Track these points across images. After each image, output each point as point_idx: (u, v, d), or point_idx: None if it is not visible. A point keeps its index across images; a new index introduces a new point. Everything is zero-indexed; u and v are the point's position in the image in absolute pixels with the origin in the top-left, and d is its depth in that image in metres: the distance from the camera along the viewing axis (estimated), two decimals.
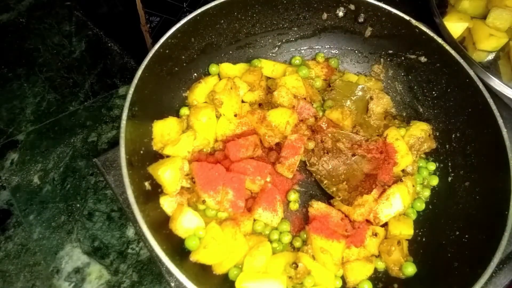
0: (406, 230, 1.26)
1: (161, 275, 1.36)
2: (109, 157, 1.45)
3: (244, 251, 1.17)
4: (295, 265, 1.15)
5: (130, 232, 1.61)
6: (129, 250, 1.58)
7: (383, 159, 1.33)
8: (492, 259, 1.01)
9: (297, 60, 1.56)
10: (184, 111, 1.39)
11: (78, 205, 1.68)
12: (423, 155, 1.43)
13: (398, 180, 1.31)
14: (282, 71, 1.50)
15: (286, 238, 1.25)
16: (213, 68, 1.47)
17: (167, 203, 1.19)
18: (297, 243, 1.26)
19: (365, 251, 1.23)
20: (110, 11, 2.32)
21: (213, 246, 1.11)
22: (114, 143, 1.79)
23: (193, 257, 1.12)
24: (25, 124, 1.94)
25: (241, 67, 1.51)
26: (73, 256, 1.57)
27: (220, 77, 1.48)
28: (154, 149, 1.27)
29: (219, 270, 1.15)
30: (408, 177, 1.33)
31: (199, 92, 1.40)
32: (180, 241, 1.15)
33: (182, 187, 1.22)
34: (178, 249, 1.13)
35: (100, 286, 1.52)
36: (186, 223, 1.15)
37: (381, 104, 1.48)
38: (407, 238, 1.28)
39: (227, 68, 1.48)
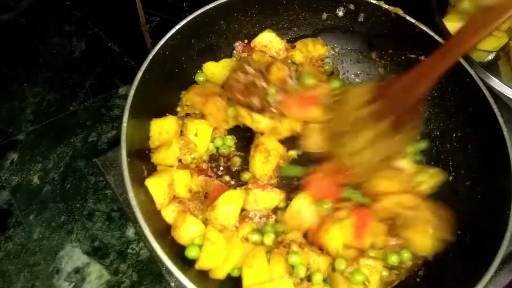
0: None
1: (161, 275, 1.36)
2: (109, 157, 1.45)
3: (240, 254, 1.12)
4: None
5: (130, 232, 1.61)
6: (129, 250, 1.58)
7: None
8: (494, 259, 1.00)
9: None
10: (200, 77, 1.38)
11: (78, 205, 1.68)
12: (422, 155, 1.42)
13: None
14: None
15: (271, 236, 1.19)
16: (200, 78, 1.42)
17: (165, 212, 1.16)
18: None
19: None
20: (110, 11, 2.32)
21: (211, 250, 1.07)
22: (114, 143, 1.79)
23: (198, 266, 1.08)
24: (25, 124, 1.94)
25: (225, 63, 1.45)
26: (73, 256, 1.57)
27: (206, 77, 1.43)
28: (151, 147, 1.26)
29: (215, 276, 1.11)
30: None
31: (194, 95, 1.37)
32: None
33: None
34: (179, 249, 1.13)
35: (100, 286, 1.52)
36: (189, 232, 1.12)
37: None
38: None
39: (211, 67, 1.43)
